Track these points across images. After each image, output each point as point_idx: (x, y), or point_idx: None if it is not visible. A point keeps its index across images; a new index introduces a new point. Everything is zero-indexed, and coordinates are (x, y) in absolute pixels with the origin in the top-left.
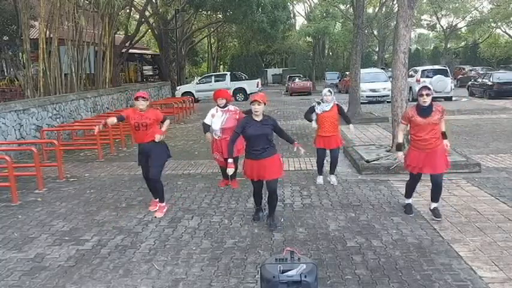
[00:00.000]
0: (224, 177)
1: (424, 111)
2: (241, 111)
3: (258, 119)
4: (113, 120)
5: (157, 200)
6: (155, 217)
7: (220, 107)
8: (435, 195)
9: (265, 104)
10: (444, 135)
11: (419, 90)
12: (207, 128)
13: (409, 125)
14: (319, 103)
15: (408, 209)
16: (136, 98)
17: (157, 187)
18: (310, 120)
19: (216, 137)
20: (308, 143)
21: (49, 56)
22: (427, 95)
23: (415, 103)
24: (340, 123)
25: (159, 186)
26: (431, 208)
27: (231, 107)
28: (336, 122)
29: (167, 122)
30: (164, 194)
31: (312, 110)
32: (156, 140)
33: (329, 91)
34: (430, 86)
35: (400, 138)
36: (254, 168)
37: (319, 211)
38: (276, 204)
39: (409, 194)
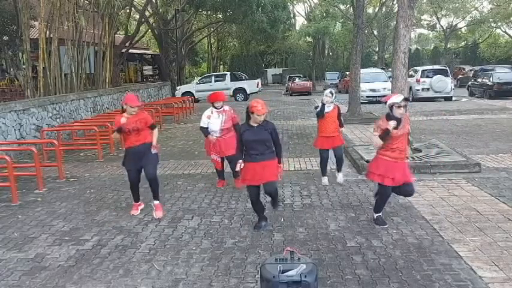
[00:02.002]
0: (220, 178)
1: (398, 122)
2: (235, 111)
3: (255, 125)
4: (116, 136)
5: (138, 203)
6: (157, 218)
7: (217, 109)
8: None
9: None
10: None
11: (399, 102)
12: (206, 131)
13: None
14: (317, 107)
15: (381, 220)
16: (132, 107)
17: (155, 185)
18: (321, 114)
19: (215, 137)
20: (308, 143)
21: (49, 56)
22: (405, 106)
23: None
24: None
25: (156, 184)
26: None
27: (225, 107)
28: (337, 121)
29: (156, 132)
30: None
31: (319, 111)
32: (153, 152)
33: (330, 92)
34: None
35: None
36: (252, 172)
37: (319, 211)
38: (276, 198)
39: (380, 208)
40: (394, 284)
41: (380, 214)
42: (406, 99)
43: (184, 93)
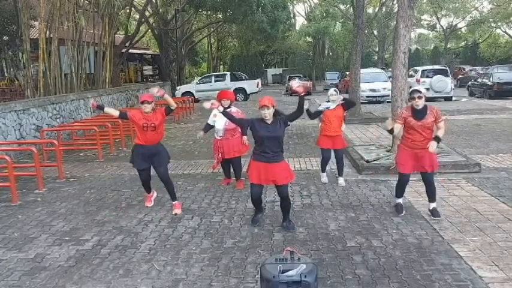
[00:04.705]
0: (226, 175)
1: (419, 113)
2: (243, 113)
3: (269, 121)
4: (113, 111)
5: (150, 194)
6: (175, 214)
7: (224, 108)
8: (431, 195)
9: (273, 106)
10: (437, 139)
11: (410, 94)
12: (207, 127)
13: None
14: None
15: (399, 208)
16: (142, 102)
17: (169, 186)
18: (315, 117)
19: (218, 137)
20: (308, 143)
21: (49, 56)
22: (419, 97)
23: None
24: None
25: (170, 184)
26: (430, 208)
27: (233, 108)
28: (341, 120)
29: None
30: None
31: (318, 112)
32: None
33: (335, 90)
34: (421, 88)
35: (392, 128)
36: (262, 172)
37: (319, 211)
38: (289, 209)
39: (399, 194)
40: (394, 284)
41: (399, 201)
42: (417, 91)
43: (184, 93)
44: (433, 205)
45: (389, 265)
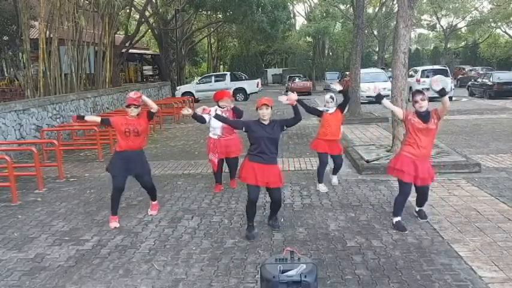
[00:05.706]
0: (217, 181)
1: (424, 117)
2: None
3: (266, 122)
4: (94, 119)
5: (115, 217)
6: (150, 215)
7: (221, 108)
8: (421, 202)
9: (271, 107)
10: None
11: (413, 96)
12: (200, 118)
13: (405, 130)
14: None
15: (401, 226)
16: (129, 106)
17: (153, 191)
18: (310, 111)
19: (215, 137)
20: (308, 143)
21: (49, 56)
22: (422, 100)
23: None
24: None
25: (154, 191)
26: (417, 210)
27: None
28: (340, 125)
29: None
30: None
31: (316, 110)
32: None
33: (331, 97)
34: (424, 91)
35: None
36: (258, 172)
37: (319, 211)
38: (278, 210)
39: (399, 211)
40: (394, 284)
41: (399, 219)
42: (421, 93)
43: (184, 93)
44: (419, 207)
45: (389, 265)
